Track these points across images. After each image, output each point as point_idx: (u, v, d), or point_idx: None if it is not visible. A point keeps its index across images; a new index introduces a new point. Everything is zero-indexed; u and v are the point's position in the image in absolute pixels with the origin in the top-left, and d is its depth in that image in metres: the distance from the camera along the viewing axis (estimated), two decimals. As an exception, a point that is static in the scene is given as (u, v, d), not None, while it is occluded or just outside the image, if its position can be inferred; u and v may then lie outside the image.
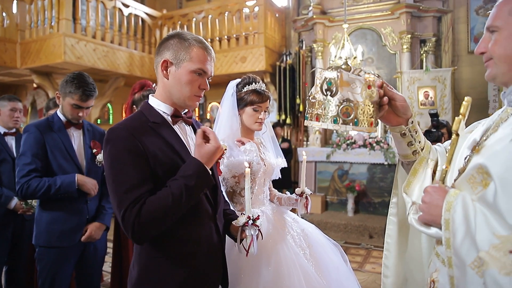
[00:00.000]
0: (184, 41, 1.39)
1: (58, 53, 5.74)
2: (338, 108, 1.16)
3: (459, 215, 0.97)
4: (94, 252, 2.40)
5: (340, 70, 1.17)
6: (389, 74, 6.60)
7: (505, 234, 0.88)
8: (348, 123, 1.16)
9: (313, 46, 7.05)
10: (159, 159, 1.32)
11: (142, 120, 1.39)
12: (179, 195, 1.26)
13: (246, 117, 2.06)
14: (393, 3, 6.48)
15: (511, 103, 1.09)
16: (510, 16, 1.03)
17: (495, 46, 1.06)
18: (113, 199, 1.28)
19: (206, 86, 1.44)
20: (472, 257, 0.91)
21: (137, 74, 7.08)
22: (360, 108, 1.15)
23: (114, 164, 1.28)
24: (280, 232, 1.95)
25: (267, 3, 7.26)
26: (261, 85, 2.09)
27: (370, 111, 1.16)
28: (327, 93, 1.17)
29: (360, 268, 4.48)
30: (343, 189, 6.48)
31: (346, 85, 1.16)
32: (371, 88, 1.16)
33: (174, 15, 8.00)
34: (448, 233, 0.98)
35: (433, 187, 1.08)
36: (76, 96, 2.24)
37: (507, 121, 1.05)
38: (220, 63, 7.24)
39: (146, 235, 1.27)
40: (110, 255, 3.02)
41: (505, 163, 0.94)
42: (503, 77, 1.08)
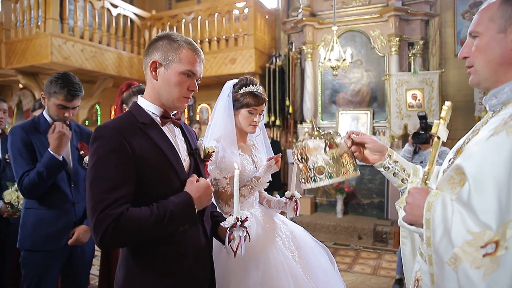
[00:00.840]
0: (173, 43, 1.39)
1: (45, 53, 5.66)
2: (313, 170, 1.46)
3: (439, 214, 1.01)
4: (81, 255, 2.36)
5: (305, 139, 1.50)
6: (377, 76, 6.65)
7: (478, 231, 0.92)
8: (324, 179, 1.45)
9: (303, 48, 7.08)
10: (146, 160, 1.31)
11: (131, 120, 1.38)
12: (162, 217, 1.26)
13: (240, 119, 2.05)
14: (382, 6, 6.55)
15: (492, 107, 1.12)
16: (490, 22, 1.08)
17: (476, 51, 1.11)
18: (91, 197, 1.25)
19: (195, 88, 1.44)
20: (449, 254, 0.96)
21: (125, 75, 7.01)
22: (330, 163, 1.44)
23: (98, 162, 1.27)
24: (269, 234, 1.95)
25: (257, 5, 7.27)
26: (258, 88, 2.08)
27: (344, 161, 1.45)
28: (302, 160, 1.49)
29: (349, 269, 4.50)
30: (332, 190, 6.50)
31: (314, 150, 1.46)
32: (333, 147, 1.45)
33: (164, 16, 7.95)
34: (428, 232, 1.02)
35: (415, 188, 1.12)
36: (61, 96, 2.20)
37: (487, 124, 1.09)
38: (209, 65, 7.21)
39: (115, 242, 1.26)
40: (98, 258, 2.99)
41: (478, 163, 0.98)
42: (486, 82, 1.12)
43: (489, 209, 0.92)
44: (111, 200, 1.22)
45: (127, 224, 1.21)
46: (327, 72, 6.69)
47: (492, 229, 0.90)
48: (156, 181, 1.34)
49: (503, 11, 1.06)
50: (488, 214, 0.92)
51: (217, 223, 1.59)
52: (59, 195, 2.24)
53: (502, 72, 1.08)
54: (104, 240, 1.21)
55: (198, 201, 1.37)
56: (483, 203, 0.94)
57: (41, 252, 2.18)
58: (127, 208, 1.24)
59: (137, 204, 1.29)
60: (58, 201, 2.23)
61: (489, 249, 0.89)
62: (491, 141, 0.99)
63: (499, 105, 1.10)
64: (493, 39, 1.07)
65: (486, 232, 0.91)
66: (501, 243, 0.88)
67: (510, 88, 1.07)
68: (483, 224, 0.92)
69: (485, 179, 0.95)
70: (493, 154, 0.95)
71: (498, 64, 1.07)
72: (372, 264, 4.68)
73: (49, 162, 2.12)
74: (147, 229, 1.24)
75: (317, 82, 7.04)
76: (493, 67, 1.09)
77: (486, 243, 0.90)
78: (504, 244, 0.87)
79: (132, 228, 1.22)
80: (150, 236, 1.28)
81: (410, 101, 6.09)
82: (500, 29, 1.06)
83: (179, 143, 1.49)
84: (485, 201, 0.94)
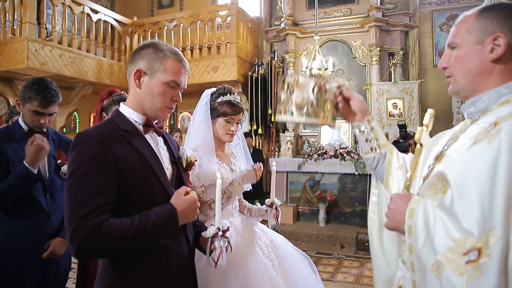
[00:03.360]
0: (159, 52, 1.38)
1: (21, 58, 5.49)
2: (293, 104, 1.44)
3: (420, 221, 1.02)
4: (56, 268, 2.24)
5: (299, 75, 1.49)
6: (359, 86, 6.73)
7: (460, 237, 0.94)
8: (302, 116, 1.44)
9: (285, 57, 7.12)
10: (129, 168, 1.29)
11: (113, 127, 1.35)
12: (143, 229, 1.23)
13: (218, 128, 2.04)
14: (363, 16, 6.67)
15: (470, 115, 1.15)
16: (468, 34, 1.12)
17: (455, 62, 1.15)
18: (69, 205, 1.21)
19: (178, 98, 1.43)
20: (432, 261, 0.97)
21: (105, 82, 6.88)
22: (312, 104, 1.43)
23: (78, 170, 1.23)
24: (249, 243, 1.94)
25: (240, 13, 7.27)
26: (236, 97, 2.07)
27: (326, 107, 1.44)
28: (287, 92, 1.46)
29: (332, 278, 4.48)
30: (315, 199, 6.50)
31: (302, 86, 1.45)
32: (322, 88, 1.43)
33: (145, 22, 7.87)
34: (411, 239, 1.04)
35: (397, 195, 1.15)
36: (36, 102, 2.10)
37: (466, 132, 1.12)
38: (191, 72, 7.16)
39: (92, 253, 1.23)
40: (74, 271, 2.88)
41: (461, 170, 1.01)
42: (464, 91, 1.16)
43: (471, 216, 0.94)
44: (90, 209, 1.18)
45: (105, 235, 1.17)
46: (309, 81, 6.72)
47: (474, 236, 0.92)
48: (138, 189, 1.31)
49: (480, 24, 1.11)
50: (470, 220, 0.94)
51: (199, 233, 1.56)
52: (33, 206, 2.14)
53: (480, 82, 1.11)
54: (81, 250, 1.17)
55: (183, 215, 1.33)
56: (466, 209, 0.95)
57: (14, 265, 2.07)
58: (107, 218, 1.20)
59: (119, 213, 1.25)
60: (32, 212, 2.12)
61: (472, 256, 0.90)
62: (473, 149, 1.00)
63: (477, 113, 1.13)
64: (471, 50, 1.11)
65: (468, 239, 0.92)
66: (484, 251, 0.89)
67: (488, 97, 1.10)
68: (465, 230, 0.94)
69: (468, 186, 0.97)
70: (475, 162, 0.97)
71: (476, 74, 1.11)
72: (355, 273, 4.67)
73: (22, 175, 2.02)
74: (126, 240, 1.21)
75: (299, 91, 7.06)
76: (471, 77, 1.12)
77: (469, 250, 0.91)
78: (487, 251, 0.89)
79: (110, 239, 1.18)
80: (129, 247, 1.24)
81: (391, 110, 6.18)
82: (477, 40, 1.10)
83: (161, 152, 1.47)
84: (467, 208, 0.95)
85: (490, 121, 1.03)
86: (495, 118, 1.02)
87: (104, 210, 1.20)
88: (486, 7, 1.13)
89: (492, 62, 1.09)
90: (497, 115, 1.03)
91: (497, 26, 1.08)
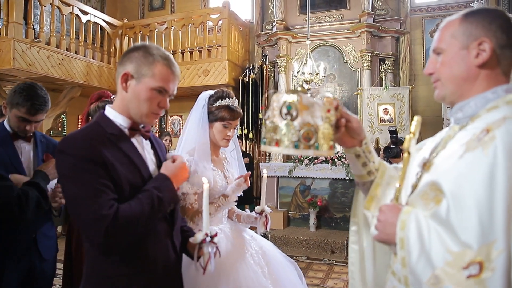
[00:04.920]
0: (148, 56, 1.34)
1: (7, 58, 5.36)
2: (299, 133, 1.08)
3: (413, 233, 0.98)
4: (41, 274, 2.17)
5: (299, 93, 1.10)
6: (350, 91, 6.74)
7: (458, 251, 0.90)
8: (310, 148, 1.08)
9: (277, 61, 7.11)
10: (118, 171, 1.26)
11: (98, 130, 1.32)
12: (152, 204, 1.27)
13: (214, 132, 1.99)
14: (354, 22, 6.70)
15: (458, 121, 1.14)
16: (453, 39, 1.12)
17: (441, 67, 1.14)
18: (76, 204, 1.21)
19: (165, 105, 1.39)
20: (428, 275, 0.93)
21: (94, 84, 6.78)
22: (320, 132, 1.09)
23: (73, 174, 1.21)
24: (238, 250, 1.93)
25: (231, 17, 7.25)
26: (234, 102, 2.02)
27: (330, 134, 1.11)
28: (286, 117, 1.08)
29: (322, 284, 4.44)
30: (305, 204, 6.48)
31: (306, 108, 1.09)
32: (330, 111, 1.12)
33: (136, 25, 7.80)
34: (403, 252, 1.00)
35: (387, 206, 1.10)
36: (24, 109, 2.04)
37: (454, 138, 1.10)
38: (182, 76, 7.10)
39: (119, 241, 1.21)
40: (60, 277, 2.80)
41: (456, 180, 0.97)
42: (451, 97, 1.14)
43: (469, 228, 0.90)
44: (101, 202, 1.18)
45: (125, 220, 1.20)
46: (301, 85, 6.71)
47: (472, 249, 0.88)
48: (126, 193, 1.28)
49: (464, 28, 1.10)
50: (468, 232, 0.90)
51: (187, 238, 1.54)
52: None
53: (466, 87, 1.11)
54: (108, 242, 1.18)
55: (175, 180, 1.39)
56: (463, 221, 0.91)
57: None
58: (117, 206, 1.22)
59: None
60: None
61: (473, 271, 0.86)
62: (467, 158, 0.97)
63: (465, 119, 1.11)
64: (457, 55, 1.10)
65: (466, 252, 0.89)
66: (486, 265, 0.85)
67: (475, 102, 1.09)
68: (463, 243, 0.90)
69: (464, 197, 0.93)
70: (471, 171, 0.94)
71: (463, 79, 1.10)
72: (345, 279, 4.64)
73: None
74: (144, 219, 1.25)
75: (290, 96, 7.06)
76: (458, 82, 1.11)
77: (468, 264, 0.87)
78: (490, 265, 0.85)
79: (131, 222, 1.22)
80: (148, 225, 1.29)
81: (382, 116, 6.19)
82: (462, 45, 1.10)
83: (147, 156, 1.44)
84: (464, 219, 0.91)
85: (480, 127, 1.01)
86: (485, 125, 1.00)
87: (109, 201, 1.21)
88: (471, 12, 1.12)
89: (478, 67, 1.08)
90: (487, 121, 1.01)
91: (482, 31, 1.07)
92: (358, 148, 1.29)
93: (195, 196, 1.90)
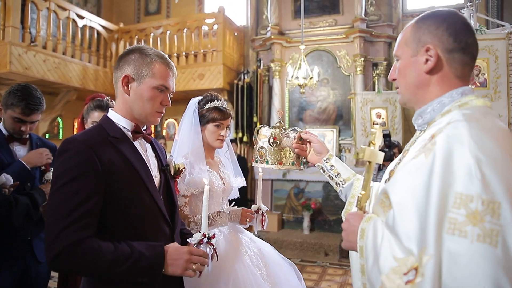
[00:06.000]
0: (146, 57, 1.37)
1: (3, 62, 5.38)
2: (257, 152, 1.74)
3: (370, 242, 1.00)
4: (36, 277, 2.18)
5: (261, 128, 1.76)
6: (343, 95, 6.83)
7: (402, 257, 0.91)
8: (262, 162, 1.72)
9: (271, 66, 7.18)
10: (116, 175, 1.27)
11: (102, 134, 1.34)
12: (123, 261, 1.20)
13: (208, 134, 2.05)
14: (348, 27, 6.78)
15: (419, 127, 1.15)
16: (405, 46, 1.12)
17: (398, 75, 1.15)
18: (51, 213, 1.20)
19: (168, 102, 1.43)
20: (380, 283, 0.94)
21: (90, 87, 6.80)
22: (271, 151, 1.69)
23: (63, 176, 1.21)
24: (237, 252, 1.94)
25: (226, 22, 7.31)
26: (223, 103, 2.09)
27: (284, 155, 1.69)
28: (255, 142, 1.76)
29: (316, 286, 4.49)
30: (299, 207, 6.53)
31: (264, 137, 1.73)
32: (276, 139, 1.68)
33: (132, 29, 7.85)
34: (362, 260, 1.02)
35: (351, 214, 1.13)
36: (18, 110, 2.06)
37: (415, 144, 1.10)
38: (177, 80, 7.01)
39: (66, 266, 1.19)
40: (55, 279, 2.82)
41: (401, 188, 0.97)
42: (409, 103, 1.16)
43: (411, 234, 0.91)
44: (71, 220, 1.16)
45: (83, 253, 1.16)
46: (295, 89, 6.80)
47: (414, 255, 0.89)
48: (126, 198, 1.30)
49: (415, 35, 1.10)
50: (410, 239, 0.91)
51: (185, 241, 1.54)
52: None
53: (420, 94, 1.11)
54: (56, 262, 1.16)
55: (170, 265, 1.28)
56: (406, 228, 0.93)
57: None
58: (90, 235, 1.18)
59: (104, 220, 1.25)
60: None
61: (410, 276, 0.88)
62: (411, 165, 0.98)
63: (424, 124, 1.12)
64: (409, 62, 1.10)
65: (409, 258, 0.90)
66: (419, 270, 0.87)
67: (432, 108, 1.09)
68: (407, 250, 0.91)
69: (407, 204, 0.94)
70: (412, 178, 0.95)
71: (415, 86, 1.10)
72: (339, 281, 4.70)
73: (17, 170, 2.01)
74: (102, 265, 1.18)
75: (284, 100, 7.13)
76: (412, 89, 1.12)
77: (409, 270, 0.89)
78: (421, 270, 0.86)
79: (87, 258, 1.17)
80: (104, 274, 1.22)
81: (375, 119, 6.27)
82: (413, 52, 1.09)
83: (150, 159, 1.46)
84: (407, 226, 0.92)
85: (430, 133, 1.01)
86: (434, 130, 1.00)
87: (85, 223, 1.18)
88: (422, 17, 1.11)
89: (427, 73, 1.07)
90: (437, 127, 1.01)
91: (429, 37, 1.06)
92: (319, 164, 1.60)
93: (186, 200, 1.93)
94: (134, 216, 1.31)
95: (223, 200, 2.09)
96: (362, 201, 1.15)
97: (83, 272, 1.26)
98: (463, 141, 0.89)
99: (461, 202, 0.85)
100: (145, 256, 1.23)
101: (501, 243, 0.81)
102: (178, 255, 1.29)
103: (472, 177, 0.85)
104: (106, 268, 1.19)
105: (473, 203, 0.84)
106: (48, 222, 1.20)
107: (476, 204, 0.84)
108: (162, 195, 1.45)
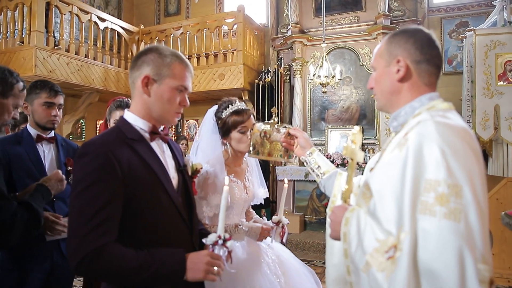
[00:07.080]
0: (165, 57, 1.36)
1: (29, 66, 5.51)
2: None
3: (354, 228, 1.15)
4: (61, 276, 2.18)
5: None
6: (367, 94, 6.66)
7: (383, 238, 1.08)
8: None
9: (292, 65, 7.08)
10: (135, 177, 1.27)
11: (119, 136, 1.33)
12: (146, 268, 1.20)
13: (234, 144, 2.00)
14: (371, 24, 6.61)
15: (394, 129, 1.31)
16: (380, 58, 1.30)
17: (375, 83, 1.34)
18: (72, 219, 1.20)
19: (186, 103, 1.42)
20: (363, 262, 1.09)
21: (112, 89, 6.89)
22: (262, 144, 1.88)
23: (83, 181, 1.21)
24: (255, 260, 1.92)
25: (246, 21, 7.27)
26: (239, 104, 2.03)
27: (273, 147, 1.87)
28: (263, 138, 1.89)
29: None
30: (322, 208, 6.41)
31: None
32: (266, 134, 1.87)
33: (152, 30, 7.90)
34: (346, 244, 1.16)
35: (336, 207, 1.27)
36: (45, 94, 2.17)
37: (390, 143, 1.24)
38: (198, 80, 7.14)
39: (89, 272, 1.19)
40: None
41: (380, 178, 1.17)
42: (385, 108, 1.34)
43: (390, 218, 1.08)
44: (93, 226, 1.17)
45: (106, 258, 1.16)
46: (316, 88, 6.69)
47: (393, 235, 1.06)
48: (145, 200, 1.29)
49: (388, 48, 1.28)
50: (389, 222, 1.08)
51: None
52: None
53: (394, 100, 1.28)
54: (79, 268, 1.16)
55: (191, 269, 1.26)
56: (385, 212, 1.11)
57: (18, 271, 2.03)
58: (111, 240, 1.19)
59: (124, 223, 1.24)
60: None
61: (391, 253, 1.03)
62: (388, 159, 1.16)
63: (398, 126, 1.27)
64: (383, 72, 1.29)
65: (389, 239, 1.06)
66: (398, 246, 1.02)
67: (405, 111, 1.25)
68: (387, 231, 1.08)
69: (385, 192, 1.12)
70: (389, 169, 1.13)
71: (389, 93, 1.28)
72: (363, 285, 4.57)
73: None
74: (125, 272, 1.19)
75: (306, 99, 7.02)
76: (386, 96, 1.30)
77: (389, 248, 1.04)
78: (399, 246, 1.02)
79: (110, 265, 1.17)
80: (126, 280, 1.21)
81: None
82: (386, 64, 1.27)
83: (167, 160, 1.46)
84: (386, 211, 1.10)
85: (404, 132, 1.17)
86: (407, 129, 1.16)
87: (107, 228, 1.19)
88: (393, 33, 1.30)
89: (399, 81, 1.25)
90: (410, 126, 1.16)
91: (399, 50, 1.24)
92: (303, 157, 1.76)
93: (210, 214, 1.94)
94: (153, 217, 1.30)
95: (243, 209, 2.08)
96: (345, 195, 1.28)
97: (106, 278, 1.27)
98: (431, 136, 1.06)
99: (430, 187, 1.02)
100: (167, 262, 1.23)
101: (463, 219, 0.98)
102: (198, 259, 1.28)
103: (439, 165, 1.01)
104: (129, 275, 1.19)
105: (440, 187, 1.00)
106: (70, 227, 1.20)
107: (443, 187, 1.00)
108: (180, 196, 1.44)
